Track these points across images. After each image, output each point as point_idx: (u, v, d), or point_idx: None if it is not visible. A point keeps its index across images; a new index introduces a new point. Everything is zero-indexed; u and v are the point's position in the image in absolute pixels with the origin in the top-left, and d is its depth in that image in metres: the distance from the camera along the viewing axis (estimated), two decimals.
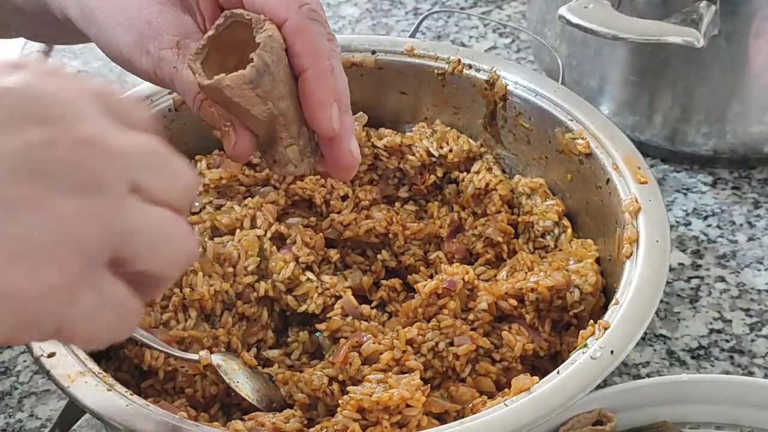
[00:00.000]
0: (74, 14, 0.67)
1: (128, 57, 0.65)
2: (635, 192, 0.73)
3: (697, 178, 0.95)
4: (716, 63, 0.88)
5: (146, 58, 0.63)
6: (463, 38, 1.15)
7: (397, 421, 0.63)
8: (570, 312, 0.71)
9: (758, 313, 0.82)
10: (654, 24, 0.80)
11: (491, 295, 0.71)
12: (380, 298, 0.76)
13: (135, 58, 0.64)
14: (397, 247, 0.79)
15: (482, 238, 0.78)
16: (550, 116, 0.80)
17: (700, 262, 0.87)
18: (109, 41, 0.65)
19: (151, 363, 0.68)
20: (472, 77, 0.84)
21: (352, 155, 0.62)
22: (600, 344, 0.63)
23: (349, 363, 0.67)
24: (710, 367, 0.78)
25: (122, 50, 0.65)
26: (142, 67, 0.64)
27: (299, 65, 0.59)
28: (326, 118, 0.60)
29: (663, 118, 0.93)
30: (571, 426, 0.64)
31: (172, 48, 0.63)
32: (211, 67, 0.60)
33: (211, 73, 0.59)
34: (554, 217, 0.79)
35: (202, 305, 0.71)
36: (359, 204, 0.81)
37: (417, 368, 0.67)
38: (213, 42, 0.60)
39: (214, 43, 0.60)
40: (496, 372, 0.69)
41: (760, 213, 0.92)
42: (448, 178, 0.84)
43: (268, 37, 0.58)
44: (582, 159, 0.78)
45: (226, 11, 0.60)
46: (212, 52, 0.60)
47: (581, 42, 0.94)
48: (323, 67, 0.60)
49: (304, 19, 0.60)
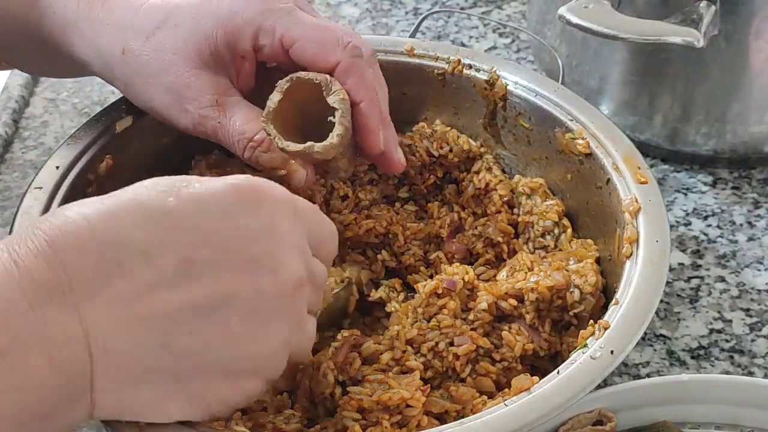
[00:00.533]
0: (98, 68, 0.73)
1: (167, 115, 0.72)
2: (635, 192, 0.73)
3: (697, 178, 0.95)
4: (716, 63, 0.88)
5: (185, 116, 0.70)
6: (463, 38, 1.15)
7: (397, 421, 0.63)
8: (570, 312, 0.71)
9: (758, 313, 0.82)
10: (654, 24, 0.80)
11: (491, 295, 0.71)
12: (380, 298, 0.76)
13: (173, 117, 0.71)
14: (397, 247, 0.79)
15: (482, 238, 0.78)
16: (550, 116, 0.80)
17: (700, 262, 0.87)
18: (146, 101, 0.73)
19: None
20: (472, 77, 0.84)
21: (399, 163, 0.74)
22: (600, 344, 0.63)
23: (349, 363, 0.67)
24: (710, 367, 0.78)
25: (161, 110, 0.72)
26: (180, 124, 0.72)
27: (353, 99, 0.68)
28: (377, 142, 0.70)
29: (663, 118, 0.93)
30: (571, 426, 0.64)
31: (212, 106, 0.70)
32: (275, 124, 0.67)
33: (279, 130, 0.67)
34: (554, 217, 0.79)
35: None
36: (359, 204, 0.81)
37: (417, 368, 0.67)
38: (279, 103, 0.67)
39: (279, 103, 0.67)
40: (496, 372, 0.69)
41: (760, 213, 0.92)
42: (448, 178, 0.84)
43: (342, 100, 0.66)
44: (582, 159, 0.78)
45: (292, 74, 0.67)
46: (276, 111, 0.67)
47: (581, 42, 0.94)
48: (373, 99, 0.69)
49: (351, 59, 0.68)
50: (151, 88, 0.71)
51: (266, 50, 0.70)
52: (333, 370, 0.67)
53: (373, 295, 0.77)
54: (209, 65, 0.70)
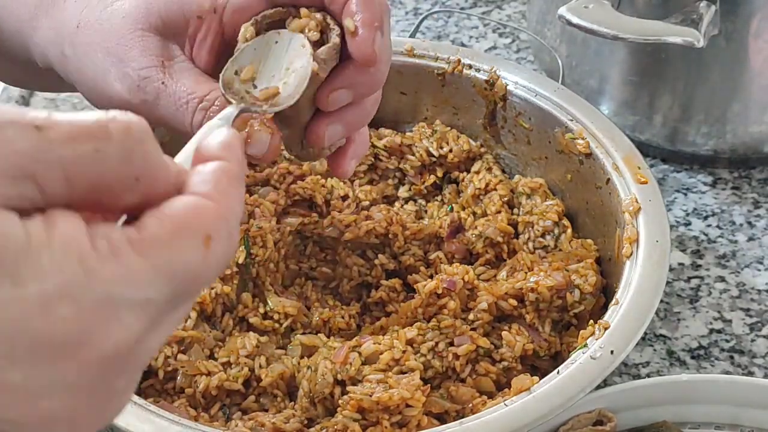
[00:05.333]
0: (54, 58, 0.65)
1: (103, 85, 0.62)
2: (635, 192, 0.73)
3: (697, 178, 0.95)
4: (716, 63, 0.88)
5: (124, 81, 0.61)
6: (463, 38, 1.14)
7: (397, 421, 0.63)
8: (570, 312, 0.71)
9: (758, 313, 0.82)
10: (654, 24, 0.80)
11: (491, 295, 0.71)
12: (380, 298, 0.76)
13: (110, 84, 0.61)
14: (397, 247, 0.79)
15: (482, 238, 0.78)
16: (550, 116, 0.80)
17: (700, 262, 0.87)
18: (85, 72, 0.63)
19: (151, 363, 0.68)
20: (472, 77, 0.84)
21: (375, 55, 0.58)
22: (600, 344, 0.63)
23: (349, 363, 0.67)
24: (710, 367, 0.78)
25: (96, 79, 0.62)
26: (117, 93, 0.61)
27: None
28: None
29: (663, 118, 0.93)
30: (571, 426, 0.64)
31: (155, 66, 0.60)
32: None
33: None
34: (554, 217, 0.79)
35: (203, 307, 0.71)
36: (359, 204, 0.81)
37: (417, 368, 0.67)
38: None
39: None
40: (496, 372, 0.69)
41: (760, 213, 0.92)
42: (448, 178, 0.85)
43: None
44: (582, 159, 0.78)
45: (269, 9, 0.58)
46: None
47: (581, 42, 0.94)
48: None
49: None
50: (92, 54, 0.62)
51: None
52: (332, 370, 0.67)
53: (373, 295, 0.77)
54: (158, 29, 0.62)
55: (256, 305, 0.73)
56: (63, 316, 0.33)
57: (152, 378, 0.69)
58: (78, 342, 0.34)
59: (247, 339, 0.70)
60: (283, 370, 0.69)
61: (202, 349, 0.69)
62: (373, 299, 0.76)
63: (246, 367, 0.69)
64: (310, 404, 0.67)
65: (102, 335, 0.34)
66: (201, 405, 0.68)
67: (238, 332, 0.72)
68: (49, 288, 0.33)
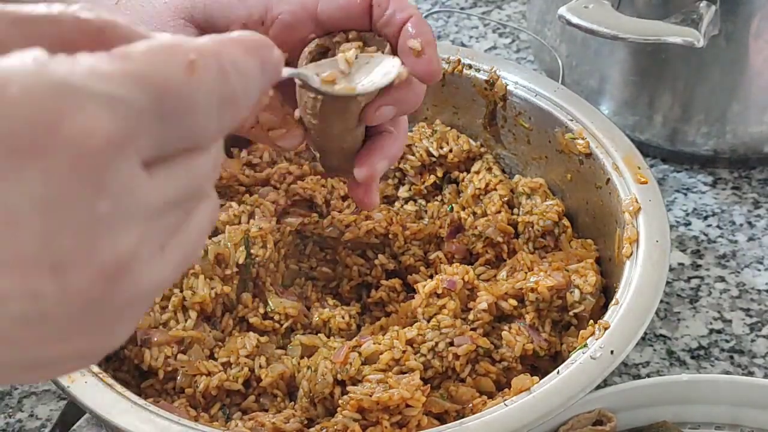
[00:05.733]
0: None
1: None
2: (635, 192, 0.73)
3: (697, 178, 0.95)
4: (716, 63, 0.88)
5: None
6: (463, 38, 1.14)
7: (397, 421, 0.63)
8: (570, 312, 0.71)
9: (758, 313, 0.82)
10: (654, 24, 0.80)
11: (491, 295, 0.71)
12: (380, 298, 0.76)
13: None
14: (397, 247, 0.79)
15: (482, 238, 0.78)
16: (550, 116, 0.80)
17: (700, 262, 0.87)
18: None
19: (151, 363, 0.68)
20: (472, 77, 0.84)
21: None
22: (600, 344, 0.63)
23: (349, 363, 0.67)
24: (710, 367, 0.78)
25: None
26: None
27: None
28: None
29: (663, 118, 0.93)
30: (571, 426, 0.64)
31: None
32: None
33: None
34: (554, 217, 0.79)
35: (203, 308, 0.71)
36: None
37: (417, 368, 0.67)
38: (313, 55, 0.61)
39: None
40: (496, 372, 0.69)
41: (760, 213, 0.92)
42: (448, 178, 0.84)
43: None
44: (582, 159, 0.78)
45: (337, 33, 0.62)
46: None
47: (581, 42, 0.94)
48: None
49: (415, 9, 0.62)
50: None
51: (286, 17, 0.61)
52: (332, 370, 0.67)
53: (373, 296, 0.77)
54: (199, 24, 0.63)
55: (256, 305, 0.73)
56: (11, 99, 0.29)
57: (152, 378, 0.69)
58: (42, 131, 0.29)
59: (247, 339, 0.70)
60: (283, 370, 0.69)
61: (202, 349, 0.69)
62: (373, 299, 0.76)
63: (246, 367, 0.69)
64: (310, 404, 0.67)
65: (69, 122, 0.30)
66: (201, 405, 0.68)
67: (238, 332, 0.72)
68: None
